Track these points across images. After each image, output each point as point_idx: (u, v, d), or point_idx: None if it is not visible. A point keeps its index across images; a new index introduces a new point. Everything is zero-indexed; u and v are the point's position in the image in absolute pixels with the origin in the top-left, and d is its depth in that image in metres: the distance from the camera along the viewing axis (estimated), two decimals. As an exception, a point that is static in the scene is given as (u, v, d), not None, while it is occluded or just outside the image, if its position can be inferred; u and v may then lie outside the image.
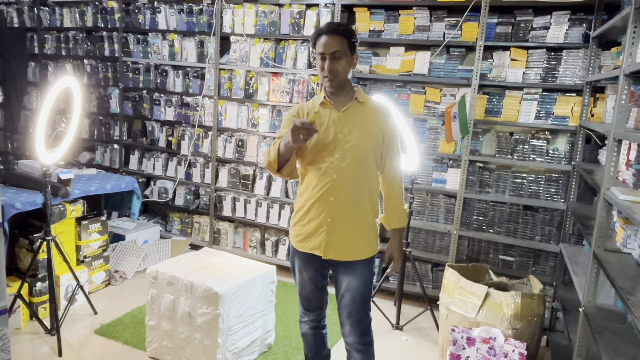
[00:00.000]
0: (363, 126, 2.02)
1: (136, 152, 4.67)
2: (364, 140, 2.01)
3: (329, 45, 1.94)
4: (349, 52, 1.98)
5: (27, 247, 3.15)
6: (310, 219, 2.06)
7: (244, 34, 3.97)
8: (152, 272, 2.71)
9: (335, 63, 1.95)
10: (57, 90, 2.63)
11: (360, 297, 2.09)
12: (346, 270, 2.09)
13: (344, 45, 1.96)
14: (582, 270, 2.57)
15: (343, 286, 2.11)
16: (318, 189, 2.03)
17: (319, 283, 2.17)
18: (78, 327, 3.10)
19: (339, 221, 2.02)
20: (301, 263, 2.14)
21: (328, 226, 2.03)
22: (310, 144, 2.00)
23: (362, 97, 2.07)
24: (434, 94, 3.54)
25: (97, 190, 3.43)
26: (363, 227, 2.07)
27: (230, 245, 4.32)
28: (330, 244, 2.04)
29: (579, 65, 3.16)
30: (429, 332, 3.30)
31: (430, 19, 3.47)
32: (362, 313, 2.12)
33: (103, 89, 4.70)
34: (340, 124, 2.01)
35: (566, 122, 3.23)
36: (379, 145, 2.06)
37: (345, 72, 2.00)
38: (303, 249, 2.10)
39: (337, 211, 2.02)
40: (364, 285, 2.09)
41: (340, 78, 1.98)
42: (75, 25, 4.76)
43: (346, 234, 2.04)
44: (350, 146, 1.99)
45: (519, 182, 3.42)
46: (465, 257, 3.61)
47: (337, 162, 1.99)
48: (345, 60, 1.97)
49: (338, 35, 1.95)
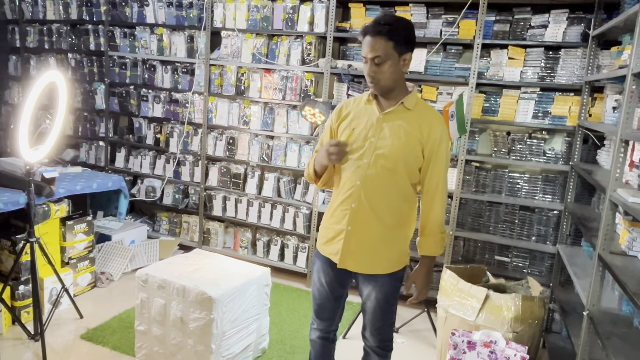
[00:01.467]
0: (401, 134, 1.82)
1: (122, 150, 4.53)
2: (398, 149, 1.82)
3: (370, 49, 1.74)
4: (395, 54, 1.74)
5: (9, 248, 3.01)
6: (333, 223, 1.96)
7: (236, 29, 3.86)
8: (142, 275, 2.61)
9: (376, 69, 1.76)
10: (41, 85, 2.50)
11: (379, 308, 1.97)
12: (366, 280, 1.96)
13: (387, 48, 1.73)
14: (582, 272, 2.54)
15: (364, 294, 2.00)
16: (342, 193, 1.93)
17: (336, 292, 2.03)
18: (63, 332, 2.98)
19: (359, 231, 1.89)
20: (320, 265, 2.03)
21: (347, 234, 1.90)
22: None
23: (410, 102, 1.85)
24: (430, 92, 3.48)
25: (82, 189, 3.30)
26: (385, 242, 1.90)
27: (221, 245, 4.21)
28: (347, 252, 1.92)
29: (577, 65, 3.12)
30: (425, 334, 3.25)
31: (427, 16, 3.41)
32: (382, 322, 2.00)
33: (88, 84, 4.55)
34: (377, 127, 1.85)
35: (564, 122, 3.20)
36: (417, 158, 1.84)
37: (390, 77, 1.78)
38: (324, 252, 2.00)
39: (358, 220, 1.88)
40: (384, 297, 1.94)
41: (383, 84, 1.80)
42: (59, 18, 4.59)
43: (365, 246, 1.90)
44: (381, 153, 1.83)
45: (515, 182, 3.39)
46: (461, 257, 3.57)
47: (364, 168, 1.85)
48: (390, 65, 1.75)
49: (380, 37, 1.72)
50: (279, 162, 3.87)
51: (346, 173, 1.92)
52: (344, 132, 1.93)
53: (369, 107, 1.91)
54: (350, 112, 1.95)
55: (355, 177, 1.87)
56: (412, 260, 3.63)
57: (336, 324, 2.14)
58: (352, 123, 1.92)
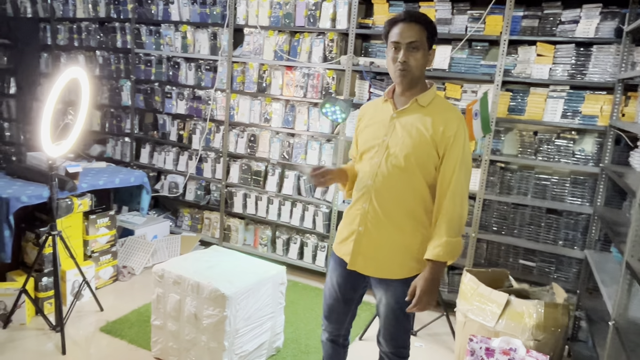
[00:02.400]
0: (412, 132, 1.76)
1: (147, 146, 4.60)
2: (409, 147, 1.76)
3: (406, 34, 1.71)
4: (427, 44, 1.75)
5: (34, 241, 3.09)
6: (347, 223, 1.94)
7: (258, 26, 3.85)
8: (158, 270, 2.63)
9: (411, 55, 1.72)
10: (64, 81, 2.54)
11: (392, 314, 1.90)
12: (379, 284, 1.91)
13: (422, 36, 1.72)
14: (610, 279, 2.41)
15: (377, 297, 1.95)
16: (356, 193, 1.90)
17: (347, 294, 1.99)
18: (84, 324, 3.03)
19: (370, 232, 1.85)
20: (334, 265, 2.00)
21: (358, 234, 1.86)
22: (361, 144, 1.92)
23: (425, 99, 1.79)
24: (454, 90, 3.39)
25: (105, 184, 3.36)
26: (397, 245, 1.83)
27: (241, 242, 4.22)
28: (358, 254, 1.88)
29: (610, 62, 2.98)
30: (444, 338, 3.17)
31: (452, 12, 3.32)
32: (395, 328, 1.94)
33: (115, 81, 4.63)
34: (390, 126, 1.82)
35: (595, 122, 3.06)
36: (431, 157, 1.76)
37: (421, 67, 1.76)
38: (338, 252, 1.98)
39: (370, 220, 1.84)
40: (396, 302, 1.86)
41: (414, 73, 1.75)
42: (88, 16, 4.69)
43: (376, 248, 1.85)
44: (392, 152, 1.79)
45: (542, 183, 3.26)
46: (484, 260, 3.46)
47: (375, 167, 1.82)
48: (422, 54, 1.73)
49: (418, 24, 1.72)
50: (299, 160, 3.85)
51: (360, 174, 1.90)
52: (362, 133, 1.92)
53: (385, 107, 1.88)
54: (368, 115, 1.94)
55: (367, 177, 1.84)
56: None
57: (346, 329, 2.09)
58: (369, 123, 1.90)
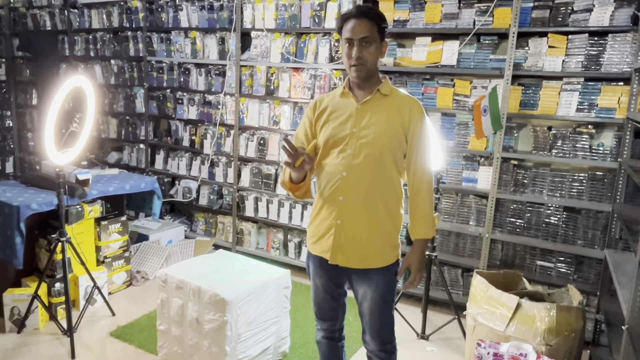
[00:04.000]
0: (382, 121, 1.82)
1: (161, 152, 4.65)
2: (381, 136, 1.81)
3: (358, 30, 1.75)
4: (378, 38, 1.79)
5: (46, 247, 3.15)
6: (322, 219, 1.91)
7: (265, 29, 3.84)
8: (161, 275, 2.63)
9: (364, 50, 1.77)
10: (67, 89, 2.59)
11: (377, 308, 1.90)
12: (360, 278, 1.91)
13: (373, 31, 1.77)
14: (628, 281, 2.27)
15: (359, 295, 1.94)
16: (329, 187, 1.88)
17: (333, 292, 2.00)
18: (95, 329, 3.07)
19: (349, 224, 1.84)
20: (314, 268, 1.99)
21: (337, 228, 1.86)
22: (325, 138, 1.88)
23: (386, 89, 1.85)
24: (463, 86, 3.29)
25: (115, 190, 3.40)
26: (376, 234, 1.86)
27: (254, 246, 4.22)
28: (338, 248, 1.87)
29: (627, 51, 2.82)
30: (457, 342, 3.06)
31: (459, 6, 3.22)
32: (381, 323, 1.93)
33: (129, 89, 4.71)
34: (357, 117, 1.84)
35: (612, 115, 2.91)
36: (400, 144, 1.83)
37: (374, 60, 1.81)
38: (315, 251, 1.96)
39: (347, 213, 1.84)
40: (380, 295, 1.89)
41: (369, 67, 1.80)
42: (102, 26, 4.80)
43: (356, 239, 1.85)
44: (365, 142, 1.81)
45: (558, 181, 3.12)
46: (500, 262, 3.34)
47: (348, 158, 1.82)
48: (375, 47, 1.79)
49: (368, 19, 1.76)
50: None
51: (329, 167, 1.87)
52: (323, 127, 1.90)
53: (346, 100, 1.89)
54: (327, 107, 1.92)
55: (340, 168, 1.83)
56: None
57: (340, 323, 2.09)
58: (331, 117, 1.88)
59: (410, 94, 1.96)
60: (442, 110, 3.36)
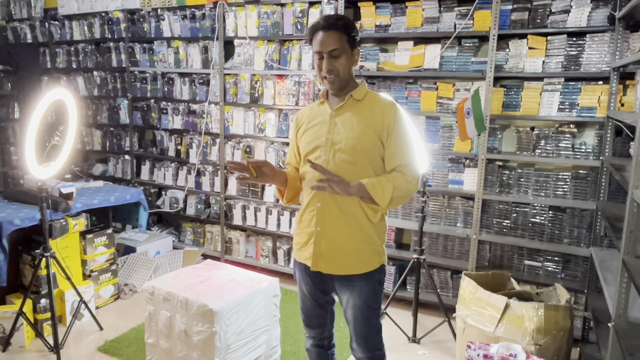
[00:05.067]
0: (354, 126, 1.80)
1: (147, 163, 4.62)
2: (354, 140, 1.79)
3: (326, 43, 1.76)
4: (348, 48, 1.79)
5: (30, 263, 3.10)
6: (303, 226, 1.92)
7: (247, 37, 3.84)
8: (148, 287, 2.60)
9: (334, 62, 1.77)
10: (46, 103, 2.55)
11: (361, 315, 1.90)
12: (343, 285, 1.90)
13: (343, 42, 1.76)
14: (613, 278, 2.29)
15: (344, 302, 1.94)
16: (307, 194, 1.90)
17: (320, 299, 1.99)
18: (83, 344, 3.03)
19: (328, 230, 1.84)
20: (300, 275, 1.99)
21: (317, 235, 1.86)
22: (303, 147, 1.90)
23: (359, 94, 1.84)
24: (446, 89, 3.31)
25: (100, 203, 3.37)
26: (357, 239, 1.84)
27: (243, 255, 4.19)
28: (319, 254, 1.87)
29: (605, 51, 2.87)
30: (448, 345, 3.06)
31: (440, 9, 3.25)
32: (367, 330, 1.93)
33: (113, 100, 4.68)
34: (331, 124, 1.85)
35: (593, 113, 2.95)
36: (376, 147, 1.81)
37: (346, 70, 1.80)
38: (299, 258, 1.96)
39: (326, 219, 1.84)
40: (364, 302, 1.88)
41: (342, 77, 1.80)
42: (84, 38, 4.75)
43: (336, 245, 1.85)
44: (339, 148, 1.81)
45: (543, 180, 3.15)
46: (488, 263, 3.36)
47: (323, 164, 1.81)
48: (345, 58, 1.78)
49: (336, 31, 1.76)
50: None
51: (308, 174, 1.88)
52: (302, 137, 1.92)
53: (322, 108, 1.91)
54: (306, 118, 1.94)
55: (317, 175, 1.81)
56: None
57: (329, 331, 2.08)
58: (308, 126, 1.91)
59: (394, 98, 1.96)
60: (426, 113, 3.38)
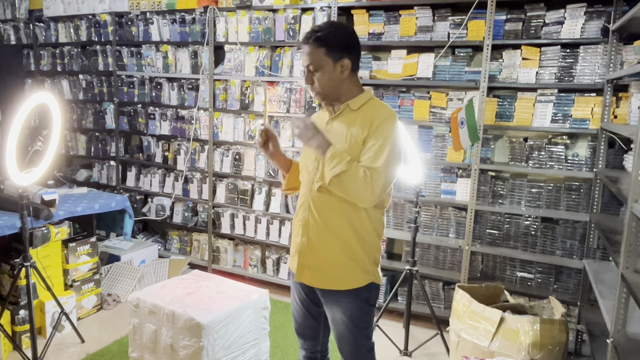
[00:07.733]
0: (344, 137, 1.73)
1: (133, 169, 4.51)
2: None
3: (304, 58, 1.75)
4: (329, 60, 1.71)
5: (9, 272, 2.98)
6: (294, 236, 1.90)
7: (238, 42, 3.78)
8: (133, 299, 2.51)
9: (312, 76, 1.75)
10: (29, 106, 2.46)
11: (347, 332, 1.82)
12: (328, 300, 1.83)
13: (319, 55, 1.70)
14: (609, 291, 2.27)
15: (330, 318, 1.87)
16: (298, 204, 1.87)
17: (312, 309, 1.93)
18: (63, 357, 2.91)
19: (314, 242, 1.79)
20: (292, 283, 1.95)
21: (302, 246, 1.81)
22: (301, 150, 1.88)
23: (356, 103, 1.77)
24: (439, 98, 3.29)
25: (84, 210, 3.26)
26: (341, 254, 1.76)
27: (231, 264, 4.10)
28: (304, 265, 1.82)
29: (599, 62, 2.87)
30: (440, 358, 3.01)
31: (433, 19, 3.23)
32: (355, 348, 1.85)
33: (98, 104, 4.57)
34: (326, 131, 1.78)
35: (586, 125, 2.94)
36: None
37: (328, 84, 1.74)
38: (291, 267, 1.93)
39: (311, 230, 1.79)
40: (350, 319, 1.79)
41: (324, 91, 1.76)
42: (70, 40, 4.65)
43: (321, 258, 1.79)
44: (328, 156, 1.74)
45: (535, 191, 3.13)
46: (480, 274, 3.32)
47: (312, 174, 1.78)
48: (325, 71, 1.72)
49: (311, 45, 1.72)
50: (285, 177, 3.74)
51: (301, 184, 1.86)
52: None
53: (323, 114, 1.88)
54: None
55: (306, 185, 1.79)
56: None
57: (323, 344, 2.01)
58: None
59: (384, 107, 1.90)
60: (419, 122, 3.34)
